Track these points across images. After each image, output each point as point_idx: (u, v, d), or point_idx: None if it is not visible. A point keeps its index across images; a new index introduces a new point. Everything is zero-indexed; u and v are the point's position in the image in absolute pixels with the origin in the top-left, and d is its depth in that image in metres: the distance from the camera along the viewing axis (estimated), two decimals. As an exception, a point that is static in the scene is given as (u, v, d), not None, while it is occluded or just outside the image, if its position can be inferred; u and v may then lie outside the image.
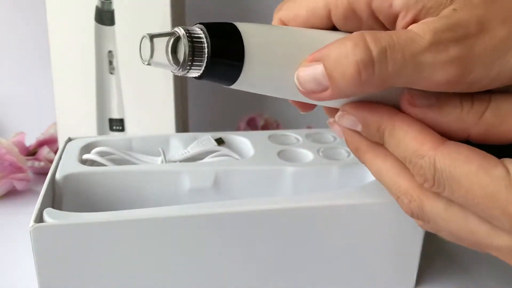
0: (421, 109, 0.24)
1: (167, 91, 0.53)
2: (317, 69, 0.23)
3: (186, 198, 0.37)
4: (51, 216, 0.29)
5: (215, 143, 0.42)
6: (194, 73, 0.22)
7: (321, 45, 0.23)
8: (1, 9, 0.70)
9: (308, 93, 0.24)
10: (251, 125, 0.71)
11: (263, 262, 0.33)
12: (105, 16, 0.52)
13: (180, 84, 0.58)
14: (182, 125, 0.59)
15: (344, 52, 0.22)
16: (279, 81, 0.24)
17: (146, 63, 0.22)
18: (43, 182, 0.34)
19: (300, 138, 0.44)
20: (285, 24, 0.27)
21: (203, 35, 0.22)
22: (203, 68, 0.22)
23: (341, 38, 0.23)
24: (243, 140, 0.43)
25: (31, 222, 0.28)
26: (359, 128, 0.26)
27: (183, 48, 0.22)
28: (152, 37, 0.22)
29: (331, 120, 0.28)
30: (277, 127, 0.72)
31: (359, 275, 0.36)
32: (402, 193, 0.25)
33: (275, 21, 0.28)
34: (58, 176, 0.35)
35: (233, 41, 0.22)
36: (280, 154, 0.40)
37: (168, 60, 0.22)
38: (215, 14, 0.76)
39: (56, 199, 0.35)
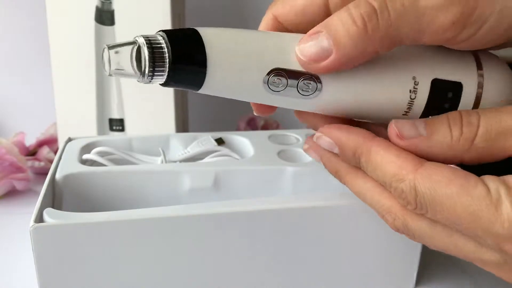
0: (410, 141, 0.24)
1: (167, 91, 0.53)
2: (320, 36, 0.23)
3: (186, 198, 0.37)
4: (51, 216, 0.29)
5: (215, 143, 0.42)
6: (159, 80, 0.22)
7: (288, 46, 0.23)
8: (1, 9, 0.70)
9: (309, 61, 0.23)
10: (251, 125, 0.71)
11: (263, 262, 0.33)
12: (105, 16, 0.52)
13: (180, 84, 0.58)
14: (182, 125, 0.59)
15: (345, 14, 0.22)
16: (246, 85, 0.23)
17: (108, 73, 0.22)
18: (43, 182, 0.34)
19: (300, 138, 0.44)
20: (279, 20, 0.27)
21: (163, 42, 0.22)
22: (165, 75, 0.22)
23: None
24: (243, 140, 0.43)
25: (31, 222, 0.28)
26: (336, 150, 0.26)
27: (143, 56, 0.22)
28: (110, 47, 0.22)
29: (306, 146, 0.28)
30: (277, 127, 0.72)
31: (359, 275, 0.36)
32: (385, 212, 0.25)
33: (267, 17, 0.27)
34: (58, 176, 0.35)
35: (194, 47, 0.22)
36: (280, 154, 0.40)
37: (133, 69, 0.22)
38: (215, 13, 0.76)
39: (56, 199, 0.35)
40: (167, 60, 0.22)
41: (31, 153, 0.60)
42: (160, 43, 0.22)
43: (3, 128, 0.70)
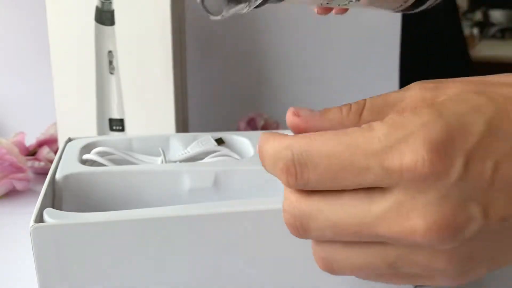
0: (303, 118, 0.26)
1: (167, 91, 0.53)
2: None
3: (186, 198, 0.37)
4: (51, 216, 0.29)
5: (215, 143, 0.42)
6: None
7: None
8: (1, 9, 0.70)
9: None
10: (251, 125, 0.71)
11: (264, 262, 0.33)
12: (105, 16, 0.52)
13: (180, 84, 0.58)
14: (182, 125, 0.59)
15: None
16: None
17: (219, 16, 0.23)
18: (43, 182, 0.34)
19: (300, 138, 0.44)
20: None
21: None
22: None
23: None
24: (243, 140, 0.43)
25: (31, 222, 0.28)
26: None
27: None
28: None
29: None
30: (277, 127, 0.72)
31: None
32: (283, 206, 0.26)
33: None
34: (58, 176, 0.35)
35: None
36: (280, 154, 0.40)
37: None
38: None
39: (56, 199, 0.35)
40: None
41: (31, 153, 0.60)
42: None
43: (3, 128, 0.70)
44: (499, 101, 0.23)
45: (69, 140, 0.43)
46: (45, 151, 0.59)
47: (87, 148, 0.41)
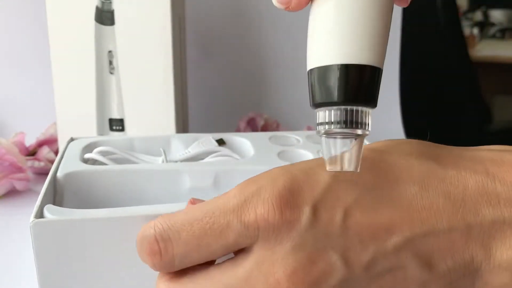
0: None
1: (167, 91, 0.53)
2: None
3: (187, 197, 0.37)
4: (51, 212, 0.29)
5: (216, 144, 0.42)
6: None
7: None
8: (1, 9, 0.70)
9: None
10: (251, 125, 0.71)
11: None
12: (105, 16, 0.52)
13: (180, 84, 0.58)
14: (182, 125, 0.59)
15: None
16: None
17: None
18: (43, 182, 0.34)
19: (300, 140, 0.44)
20: None
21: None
22: None
23: None
24: (243, 141, 0.43)
25: (31, 218, 0.28)
26: None
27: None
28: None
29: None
30: (277, 127, 0.72)
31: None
32: None
33: None
34: (59, 174, 0.35)
35: None
36: (280, 154, 0.40)
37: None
38: (215, 14, 0.76)
39: (57, 197, 0.35)
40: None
41: (31, 153, 0.60)
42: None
43: (3, 128, 0.70)
44: None
45: (71, 139, 0.43)
46: (45, 151, 0.58)
47: (89, 148, 0.41)
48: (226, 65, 0.78)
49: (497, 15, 2.12)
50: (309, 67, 0.24)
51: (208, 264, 0.25)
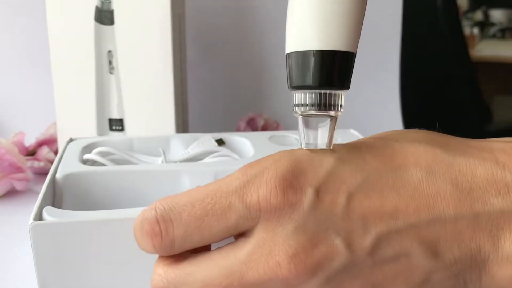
0: None
1: (167, 91, 0.53)
2: None
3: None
4: (51, 214, 0.29)
5: (216, 144, 0.42)
6: None
7: None
8: (1, 9, 0.70)
9: None
10: (251, 125, 0.71)
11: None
12: (104, 16, 0.52)
13: (180, 84, 0.58)
14: (182, 125, 0.59)
15: None
16: None
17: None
18: (43, 182, 0.34)
19: (300, 139, 0.44)
20: None
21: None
22: None
23: None
24: (243, 141, 0.43)
25: (30, 220, 0.28)
26: None
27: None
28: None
29: None
30: (277, 127, 0.72)
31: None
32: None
33: None
34: (58, 175, 0.35)
35: None
36: (280, 154, 0.40)
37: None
38: (215, 14, 0.76)
39: (56, 198, 0.35)
40: None
41: (31, 153, 0.60)
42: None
43: (3, 128, 0.70)
44: (355, 143, 0.25)
45: (70, 140, 0.43)
46: (44, 151, 0.58)
47: (88, 148, 0.41)
48: (226, 65, 0.78)
49: (497, 15, 2.12)
50: (287, 51, 0.25)
51: (207, 248, 0.25)
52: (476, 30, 2.08)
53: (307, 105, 0.24)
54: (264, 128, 0.70)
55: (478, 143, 0.25)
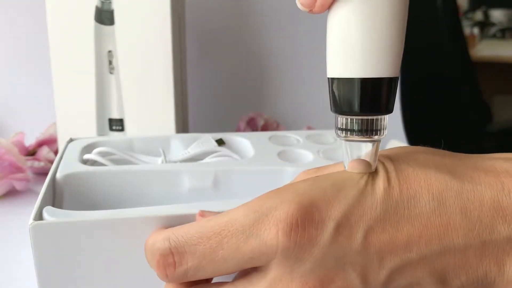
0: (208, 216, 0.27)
1: (167, 91, 0.53)
2: None
3: (186, 197, 0.37)
4: (51, 214, 0.29)
5: (215, 144, 0.42)
6: None
7: None
8: (1, 9, 0.70)
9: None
10: (251, 125, 0.71)
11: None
12: (105, 16, 0.52)
13: (180, 84, 0.58)
14: (182, 125, 0.59)
15: None
16: None
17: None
18: (43, 182, 0.34)
19: (300, 139, 0.44)
20: None
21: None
22: None
23: None
24: (243, 141, 0.43)
25: (30, 220, 0.28)
26: None
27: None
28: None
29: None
30: (277, 127, 0.72)
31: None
32: None
33: None
34: (58, 175, 0.35)
35: None
36: (280, 154, 0.40)
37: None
38: (215, 14, 0.76)
39: (56, 198, 0.35)
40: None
41: (31, 153, 0.60)
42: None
43: (3, 128, 0.70)
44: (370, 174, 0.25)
45: (71, 140, 0.43)
46: (44, 151, 0.58)
47: (88, 148, 0.41)
48: (226, 65, 0.78)
49: (497, 15, 2.11)
50: (330, 75, 0.25)
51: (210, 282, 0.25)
52: (476, 30, 2.08)
53: (351, 130, 0.24)
54: (264, 128, 0.70)
55: (482, 163, 0.26)
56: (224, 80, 0.79)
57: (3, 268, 0.39)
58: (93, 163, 0.40)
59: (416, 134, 0.85)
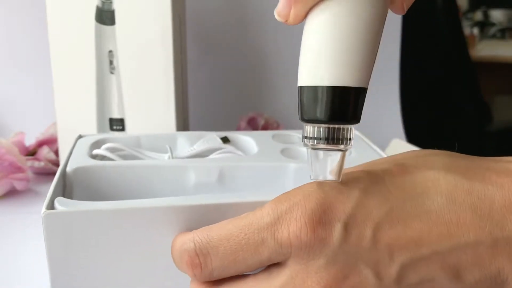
0: None
1: (168, 91, 0.53)
2: None
3: (192, 192, 0.37)
4: (62, 204, 0.29)
5: (221, 141, 0.42)
6: None
7: None
8: (1, 9, 0.70)
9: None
10: (252, 124, 0.71)
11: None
12: (105, 16, 0.52)
13: (181, 84, 0.58)
14: (183, 124, 0.59)
15: None
16: None
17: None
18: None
19: (303, 138, 0.45)
20: None
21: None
22: None
23: None
24: (247, 139, 0.44)
25: (43, 209, 0.28)
26: None
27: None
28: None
29: None
30: (277, 127, 0.72)
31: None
32: None
33: None
34: (69, 168, 0.36)
35: None
36: (283, 152, 0.41)
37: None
38: (215, 14, 0.76)
39: (66, 191, 0.36)
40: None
41: (31, 153, 0.60)
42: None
43: (3, 128, 0.70)
44: (377, 172, 0.26)
45: (80, 136, 0.44)
46: (45, 151, 0.58)
47: (96, 145, 0.42)
48: (226, 64, 0.78)
49: (497, 15, 2.12)
50: (299, 84, 0.25)
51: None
52: (476, 30, 2.08)
53: (318, 138, 0.25)
54: (265, 127, 0.70)
55: (495, 165, 0.26)
56: (224, 80, 0.79)
57: (3, 268, 0.39)
58: (102, 158, 0.40)
59: (416, 133, 0.85)
